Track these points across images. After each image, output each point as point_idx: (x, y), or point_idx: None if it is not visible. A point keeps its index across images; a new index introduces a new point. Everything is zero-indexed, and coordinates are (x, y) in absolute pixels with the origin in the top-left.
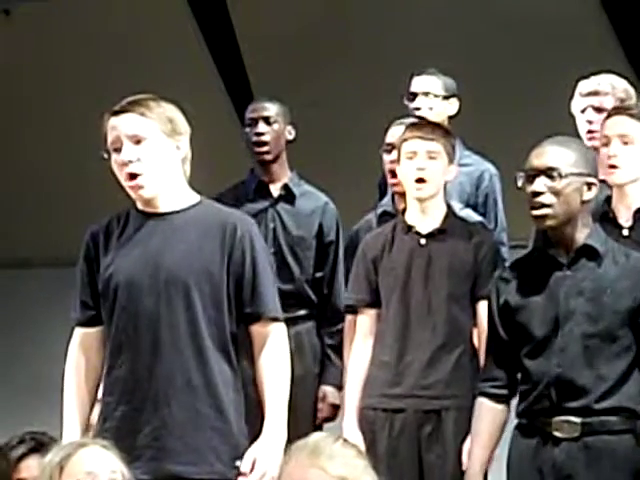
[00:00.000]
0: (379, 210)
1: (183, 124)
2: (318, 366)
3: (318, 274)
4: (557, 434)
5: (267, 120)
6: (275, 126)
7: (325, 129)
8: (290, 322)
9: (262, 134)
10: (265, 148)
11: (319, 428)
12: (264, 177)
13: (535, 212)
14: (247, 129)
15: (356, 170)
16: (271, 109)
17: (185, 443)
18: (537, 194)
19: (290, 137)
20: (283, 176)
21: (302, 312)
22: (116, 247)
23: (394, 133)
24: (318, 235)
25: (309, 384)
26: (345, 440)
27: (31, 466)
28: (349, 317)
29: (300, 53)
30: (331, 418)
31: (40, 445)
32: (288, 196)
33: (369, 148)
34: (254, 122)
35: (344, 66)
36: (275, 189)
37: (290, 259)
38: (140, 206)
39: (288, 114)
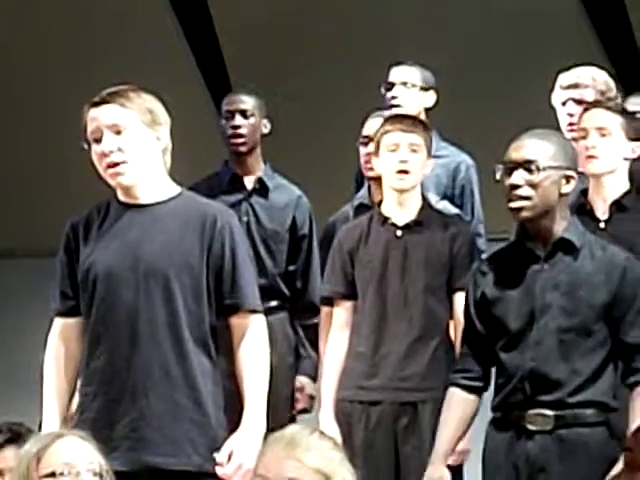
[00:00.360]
0: (355, 202)
1: (163, 115)
2: (293, 355)
3: (291, 267)
4: (531, 427)
5: (244, 113)
6: (251, 119)
7: (303, 122)
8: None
9: (238, 127)
10: (241, 140)
11: (294, 419)
12: (238, 170)
13: (512, 204)
14: (223, 121)
15: (332, 163)
16: (248, 102)
17: (163, 434)
18: (515, 187)
19: (266, 130)
20: (257, 169)
21: (274, 303)
22: (96, 238)
23: (371, 125)
24: (291, 228)
25: (283, 373)
26: (321, 432)
27: (7, 457)
28: (325, 309)
29: (278, 45)
30: (308, 410)
31: (17, 436)
32: (262, 189)
33: (346, 141)
34: (231, 115)
35: (322, 58)
36: (249, 182)
37: (263, 252)
38: (120, 197)
39: (264, 108)
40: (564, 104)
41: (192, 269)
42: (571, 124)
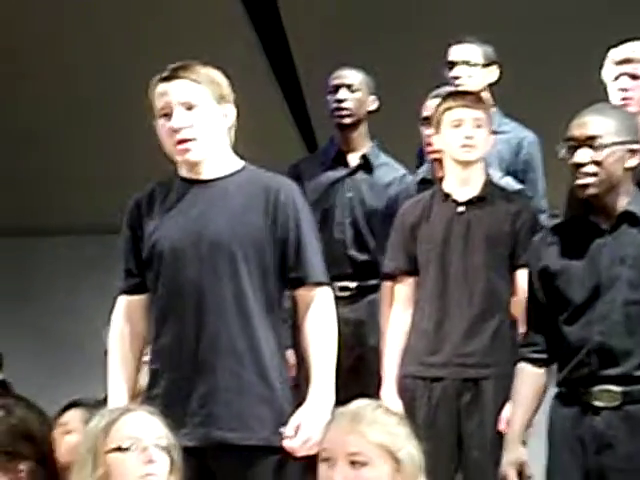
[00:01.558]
0: (418, 177)
1: (229, 91)
2: None
3: None
4: (597, 403)
5: (349, 87)
6: (357, 94)
7: None
8: (364, 291)
9: (343, 100)
10: (344, 113)
11: None
12: (343, 146)
13: (578, 182)
14: (329, 96)
15: (395, 140)
16: (354, 77)
17: (230, 410)
18: (580, 165)
19: (373, 107)
20: (362, 146)
21: (375, 281)
22: (160, 215)
23: (431, 106)
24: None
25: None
26: (387, 408)
27: (74, 416)
28: (386, 284)
29: (342, 20)
30: None
31: (82, 403)
32: (366, 166)
33: (408, 116)
34: (336, 89)
35: (387, 32)
36: (354, 158)
37: (365, 229)
38: (184, 173)
39: (372, 84)
40: (616, 79)
41: (257, 243)
42: (624, 99)
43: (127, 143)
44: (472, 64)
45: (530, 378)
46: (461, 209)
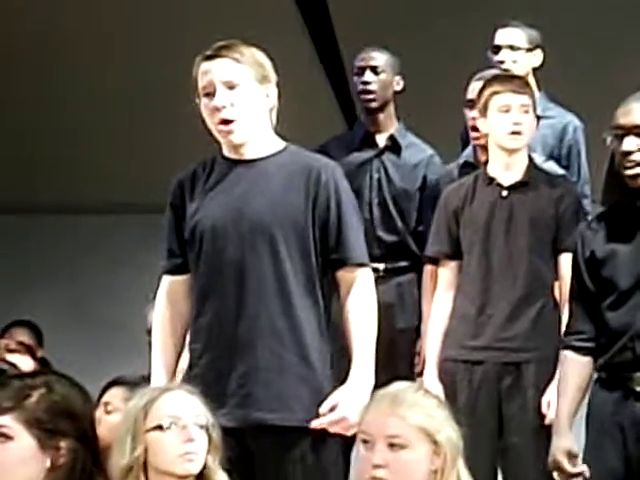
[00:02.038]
0: (461, 160)
1: (272, 72)
2: (418, 319)
3: (420, 227)
4: (639, 389)
5: (374, 69)
6: (382, 76)
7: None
8: (392, 272)
9: (368, 83)
10: (371, 97)
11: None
12: (370, 127)
13: (628, 172)
14: (355, 78)
15: (438, 122)
16: (379, 58)
17: (270, 390)
18: (628, 153)
19: (398, 88)
20: (389, 127)
21: (404, 263)
22: (202, 194)
23: (475, 88)
24: (422, 187)
25: (411, 337)
26: (426, 391)
27: (115, 395)
28: (429, 267)
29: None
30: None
31: (125, 381)
32: (394, 147)
33: (452, 99)
34: (361, 71)
35: (431, 15)
36: (381, 139)
37: (393, 210)
38: (226, 153)
39: (397, 64)
40: None
41: (297, 224)
42: None
43: (172, 122)
44: (516, 48)
45: (575, 367)
46: (505, 193)
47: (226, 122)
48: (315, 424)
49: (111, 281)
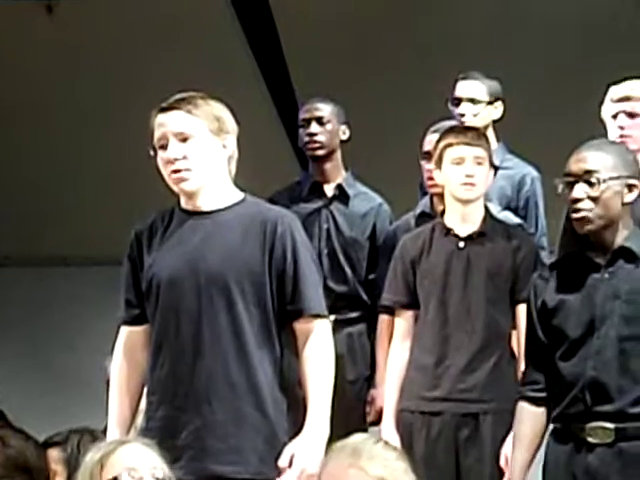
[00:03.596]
0: (417, 210)
1: (230, 123)
2: (368, 369)
3: (371, 276)
4: (591, 440)
5: (320, 120)
6: (328, 126)
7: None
8: (342, 324)
9: (315, 134)
10: (317, 146)
11: (366, 432)
12: (318, 177)
13: (575, 216)
14: (300, 130)
15: (394, 173)
16: (324, 109)
17: (227, 443)
18: (577, 200)
19: (344, 137)
20: (337, 176)
21: (354, 314)
22: (159, 246)
23: (431, 140)
24: (371, 237)
25: (361, 387)
26: (386, 442)
27: (51, 458)
28: (384, 318)
29: (341, 56)
30: (376, 423)
31: (65, 439)
32: (342, 196)
33: (407, 151)
34: (307, 122)
35: (381, 69)
36: (329, 189)
37: (343, 260)
38: (183, 204)
39: (342, 114)
40: (615, 117)
41: (254, 275)
42: (622, 136)
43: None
44: (477, 101)
45: (530, 417)
46: (462, 244)
47: (178, 171)
48: (280, 479)
49: (70, 330)
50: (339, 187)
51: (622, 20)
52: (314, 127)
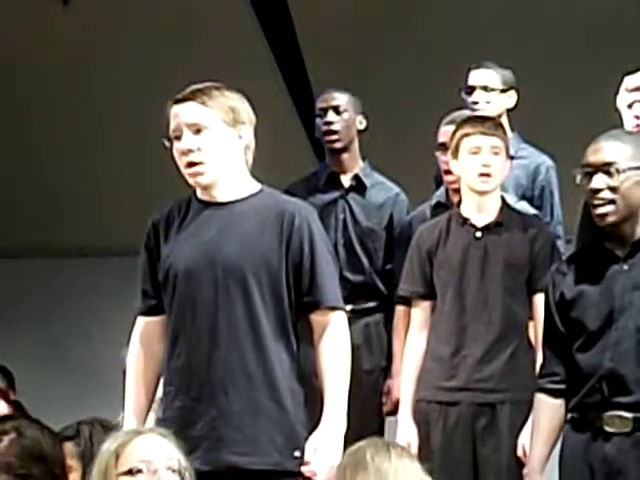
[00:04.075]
0: (433, 201)
1: (246, 114)
2: (385, 359)
3: (388, 266)
4: (608, 429)
5: (336, 109)
6: (345, 115)
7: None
8: (359, 314)
9: (331, 123)
10: (334, 137)
11: (383, 422)
12: (335, 167)
13: (597, 210)
14: (317, 119)
15: (411, 166)
16: (340, 98)
17: (243, 433)
18: (596, 191)
19: (361, 127)
20: (354, 166)
21: (371, 304)
22: (176, 236)
23: (446, 132)
24: (389, 226)
25: (377, 378)
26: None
27: (66, 453)
28: (401, 308)
29: (358, 49)
30: (393, 412)
31: (77, 433)
32: (359, 187)
33: (425, 144)
34: (324, 112)
35: (404, 59)
36: (346, 179)
37: (359, 250)
38: (200, 195)
39: (359, 104)
40: (630, 107)
41: (270, 266)
42: (638, 125)
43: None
44: (490, 89)
45: (548, 409)
46: (479, 234)
47: (192, 164)
48: (305, 470)
49: (87, 321)
50: (356, 177)
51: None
52: (331, 116)
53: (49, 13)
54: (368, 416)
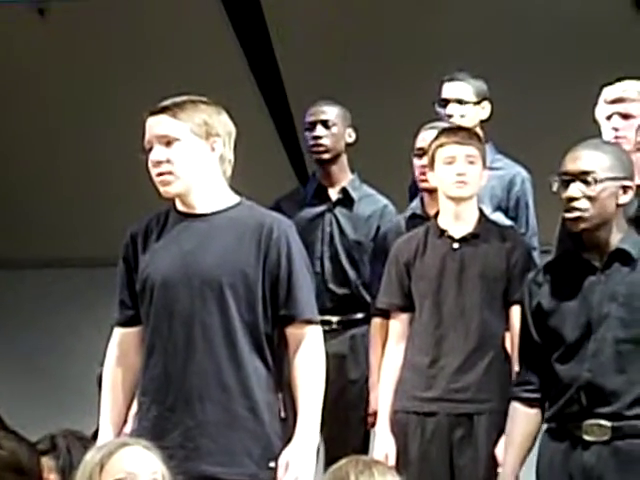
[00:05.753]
0: (408, 213)
1: (222, 125)
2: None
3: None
4: (587, 437)
5: (325, 123)
6: (334, 129)
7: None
8: (346, 325)
9: (320, 137)
10: (322, 149)
11: (368, 434)
12: (323, 180)
13: (569, 216)
14: (306, 133)
15: (383, 178)
16: (329, 112)
17: (218, 443)
18: (572, 199)
19: (350, 140)
20: (342, 179)
21: (358, 315)
22: (154, 247)
23: (424, 137)
24: (375, 239)
25: (362, 387)
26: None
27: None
28: (377, 320)
29: (334, 62)
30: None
31: (53, 446)
32: (346, 200)
33: (400, 154)
34: (312, 126)
35: (377, 73)
36: (334, 193)
37: (345, 263)
38: (178, 206)
39: (349, 116)
40: (609, 118)
41: (247, 278)
42: (617, 137)
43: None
44: (464, 102)
45: (523, 418)
46: (456, 245)
47: (161, 175)
48: None
49: (62, 335)
50: (344, 190)
51: (618, 21)
52: (319, 130)
53: (26, 24)
54: (352, 425)
